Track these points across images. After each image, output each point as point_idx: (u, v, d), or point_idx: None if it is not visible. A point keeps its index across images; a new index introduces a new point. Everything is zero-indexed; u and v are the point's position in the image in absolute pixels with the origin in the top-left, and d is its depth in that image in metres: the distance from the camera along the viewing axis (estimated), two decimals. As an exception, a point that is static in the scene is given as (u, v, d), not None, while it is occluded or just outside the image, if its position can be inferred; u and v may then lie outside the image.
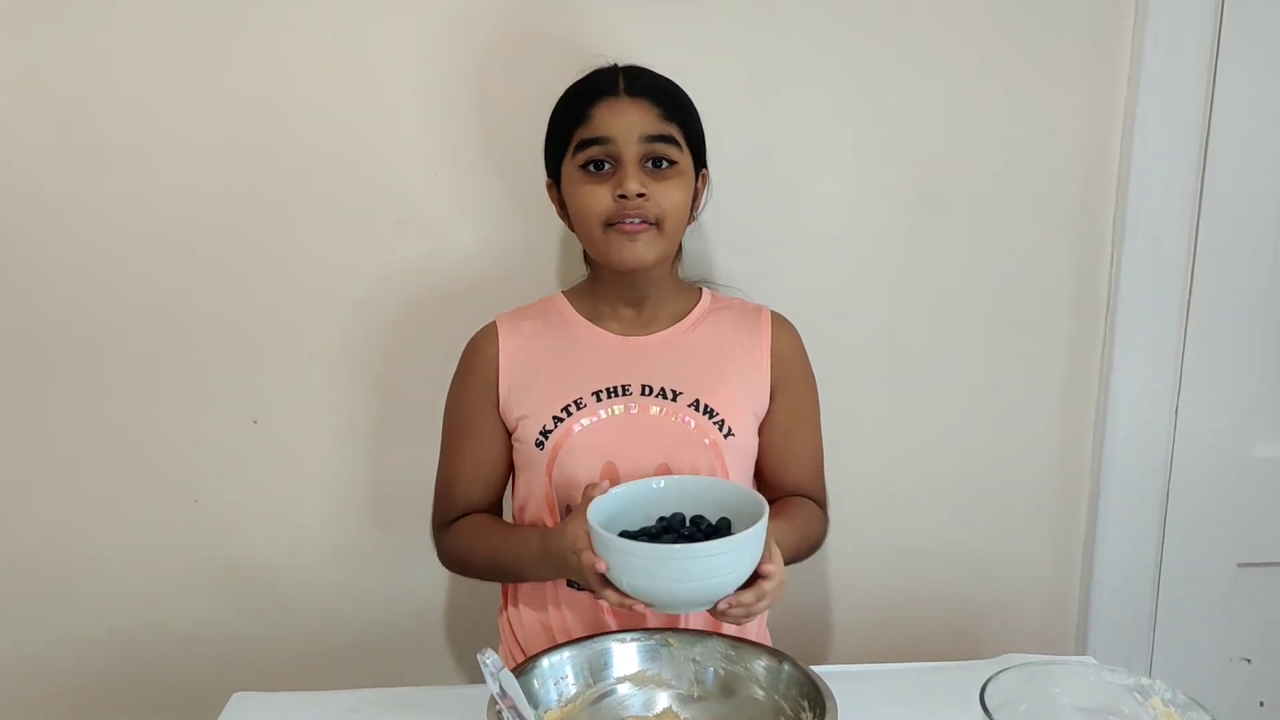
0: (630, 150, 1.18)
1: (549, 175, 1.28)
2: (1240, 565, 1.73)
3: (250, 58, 1.43)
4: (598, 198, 1.19)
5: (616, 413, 1.24)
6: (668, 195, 1.19)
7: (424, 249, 1.51)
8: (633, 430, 1.23)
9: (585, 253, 1.30)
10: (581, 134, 1.19)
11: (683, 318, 1.31)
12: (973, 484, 1.68)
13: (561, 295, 1.34)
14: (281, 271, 1.51)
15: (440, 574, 1.51)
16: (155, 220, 1.47)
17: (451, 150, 1.49)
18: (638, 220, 1.19)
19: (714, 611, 1.05)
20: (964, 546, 1.70)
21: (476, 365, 1.29)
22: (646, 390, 1.25)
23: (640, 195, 1.17)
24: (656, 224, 1.20)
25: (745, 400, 1.27)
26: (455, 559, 1.29)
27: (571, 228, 1.27)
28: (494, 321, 1.31)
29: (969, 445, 1.67)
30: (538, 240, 1.52)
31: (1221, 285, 1.63)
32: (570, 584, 1.25)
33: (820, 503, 1.33)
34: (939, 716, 1.09)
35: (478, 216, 1.51)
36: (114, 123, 1.44)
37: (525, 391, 1.26)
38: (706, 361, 1.28)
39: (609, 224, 1.20)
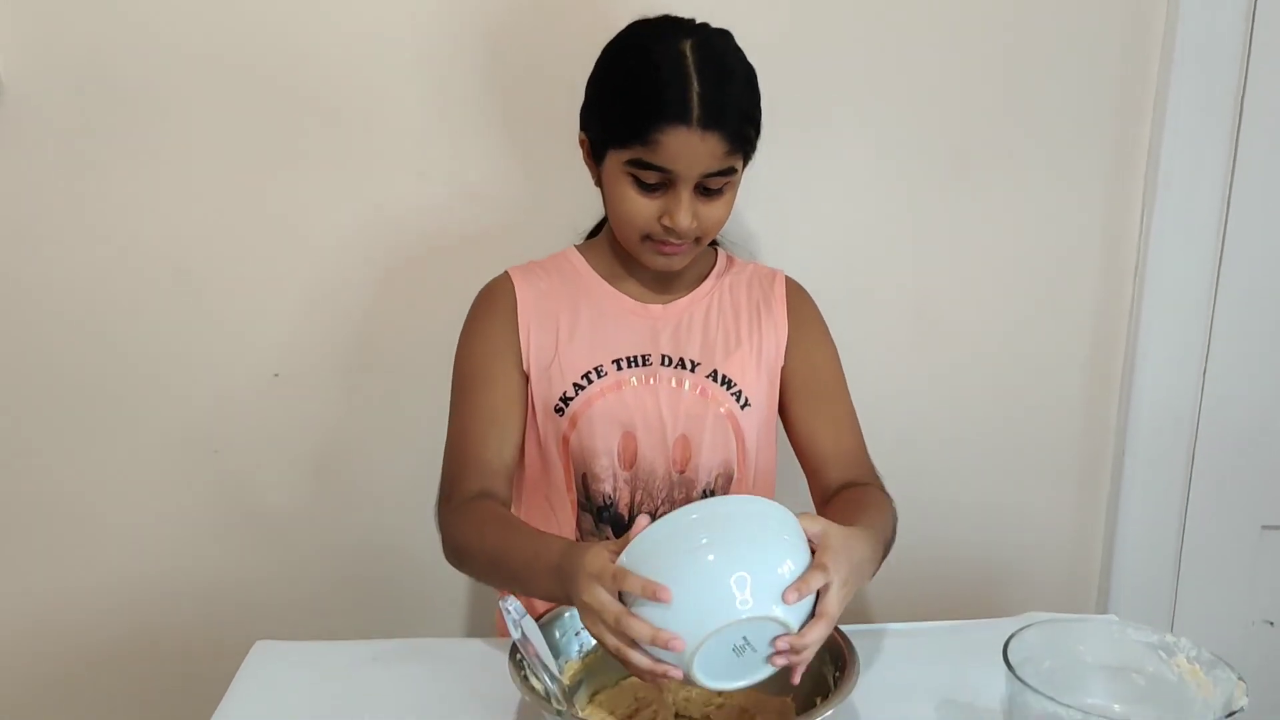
0: (688, 183, 1.10)
1: (584, 132, 1.19)
2: (1265, 528, 1.72)
3: (268, 4, 1.42)
4: (642, 212, 1.13)
5: (636, 383, 1.21)
6: (715, 212, 1.14)
7: (442, 200, 1.50)
8: (652, 401, 1.21)
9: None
10: (639, 154, 1.09)
11: (700, 282, 1.28)
12: (997, 444, 1.67)
13: (576, 251, 1.29)
14: (301, 224, 1.50)
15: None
16: (175, 174, 1.47)
17: (469, 98, 1.47)
18: (679, 242, 1.15)
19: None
20: (987, 506, 1.70)
21: (495, 311, 1.23)
22: (666, 361, 1.22)
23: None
24: (698, 239, 1.17)
25: (761, 365, 1.25)
26: (458, 544, 1.12)
27: (599, 183, 1.20)
28: (506, 274, 1.26)
29: (994, 405, 1.66)
30: (558, 186, 1.49)
31: (1254, 246, 1.61)
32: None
33: (871, 480, 1.23)
34: (961, 673, 1.09)
35: (494, 165, 1.50)
36: (130, 70, 1.42)
37: (543, 352, 1.22)
38: (724, 328, 1.25)
39: (647, 237, 1.15)
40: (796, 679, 0.91)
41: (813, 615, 0.89)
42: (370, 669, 1.12)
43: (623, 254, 1.24)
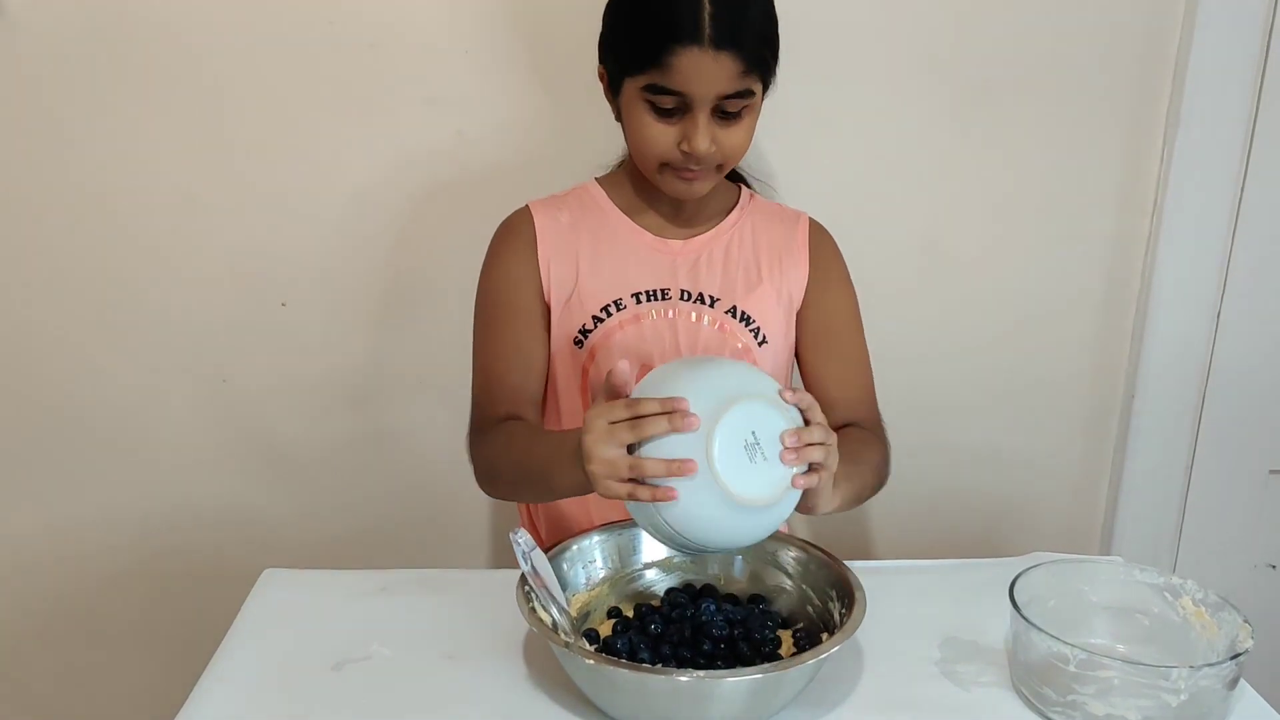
0: (704, 106, 1.09)
1: (602, 64, 1.17)
2: (1272, 472, 1.72)
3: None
4: (660, 138, 1.11)
5: (655, 317, 1.21)
6: (734, 137, 1.12)
7: (453, 129, 1.48)
8: (670, 335, 1.21)
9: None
10: (654, 78, 1.08)
11: (722, 217, 1.26)
12: (1007, 381, 1.67)
13: (596, 184, 1.28)
14: (311, 151, 1.48)
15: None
16: (181, 101, 1.44)
17: (484, 26, 1.44)
18: (699, 168, 1.14)
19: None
20: (996, 446, 1.70)
21: (517, 245, 1.23)
22: (685, 295, 1.22)
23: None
24: (719, 166, 1.15)
25: (781, 304, 1.25)
26: (488, 464, 1.16)
27: (619, 117, 1.19)
28: (526, 207, 1.25)
29: (1004, 342, 1.65)
30: (572, 119, 1.47)
31: (1276, 188, 1.58)
32: None
33: (872, 427, 1.25)
34: (967, 611, 1.10)
35: (509, 95, 1.47)
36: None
37: (563, 285, 1.22)
38: (744, 265, 1.24)
39: (666, 164, 1.14)
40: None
41: None
42: (378, 598, 1.13)
43: (643, 187, 1.24)
